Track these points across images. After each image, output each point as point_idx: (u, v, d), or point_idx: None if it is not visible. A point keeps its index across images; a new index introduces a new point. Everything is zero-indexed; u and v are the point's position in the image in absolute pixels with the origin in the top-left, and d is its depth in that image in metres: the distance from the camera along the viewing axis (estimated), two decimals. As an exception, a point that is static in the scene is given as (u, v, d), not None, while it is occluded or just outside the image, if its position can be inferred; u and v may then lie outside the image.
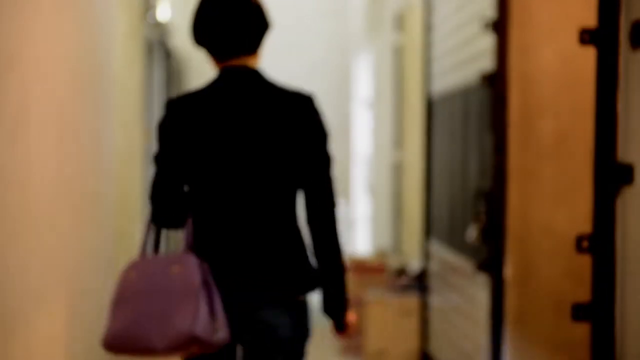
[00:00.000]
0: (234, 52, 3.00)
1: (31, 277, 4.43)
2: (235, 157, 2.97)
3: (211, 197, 3.00)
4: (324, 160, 2.99)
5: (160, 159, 3.03)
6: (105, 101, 6.46)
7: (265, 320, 2.96)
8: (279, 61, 12.80)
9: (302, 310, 3.04)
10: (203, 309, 2.84)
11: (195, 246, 2.99)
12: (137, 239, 8.23)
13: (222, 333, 2.86)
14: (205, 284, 2.89)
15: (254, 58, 3.04)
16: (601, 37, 2.94)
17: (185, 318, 2.83)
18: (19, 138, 4.16)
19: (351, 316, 3.14)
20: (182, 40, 12.49)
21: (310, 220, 2.99)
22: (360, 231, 11.75)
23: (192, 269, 2.88)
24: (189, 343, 2.83)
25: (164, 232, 3.11)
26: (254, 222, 2.97)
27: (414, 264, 6.93)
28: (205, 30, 3.01)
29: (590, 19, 3.61)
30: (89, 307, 5.95)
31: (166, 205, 3.03)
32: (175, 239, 8.83)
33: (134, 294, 2.93)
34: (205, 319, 2.84)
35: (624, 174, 2.84)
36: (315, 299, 3.21)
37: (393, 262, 7.42)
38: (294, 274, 2.98)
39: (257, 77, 3.01)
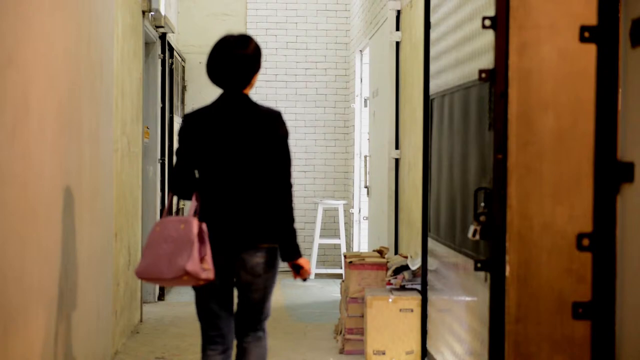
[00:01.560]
0: (235, 89, 4.55)
1: (30, 274, 4.42)
2: (228, 153, 4.48)
3: (212, 179, 4.50)
4: (285, 156, 4.50)
5: (179, 153, 4.56)
6: (104, 98, 6.45)
7: (250, 263, 4.49)
8: (280, 58, 12.79)
9: (272, 254, 4.52)
10: (195, 254, 4.27)
11: (201, 212, 4.50)
12: (136, 236, 8.23)
13: (209, 272, 4.31)
14: (200, 238, 4.33)
15: (248, 87, 4.58)
16: (601, 35, 2.93)
17: (183, 258, 4.27)
18: (18, 135, 4.15)
19: (303, 261, 4.51)
20: (182, 36, 12.47)
21: (274, 197, 4.48)
22: (360, 229, 11.75)
23: (192, 227, 4.32)
24: (183, 275, 4.26)
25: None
26: (239, 197, 4.47)
27: (414, 262, 6.92)
28: (214, 75, 4.56)
29: (590, 16, 3.60)
30: (88, 304, 5.95)
31: (181, 183, 4.53)
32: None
33: (155, 241, 4.37)
34: (195, 261, 4.27)
35: (625, 171, 2.84)
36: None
37: (393, 260, 7.41)
38: (262, 230, 4.48)
39: (245, 100, 4.55)
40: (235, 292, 4.66)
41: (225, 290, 4.57)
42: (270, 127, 4.47)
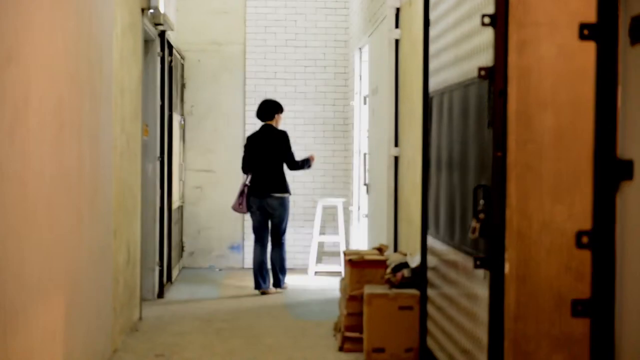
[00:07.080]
0: (267, 120, 10.56)
1: (30, 272, 4.42)
2: (264, 153, 10.40)
3: (257, 165, 10.39)
4: (290, 153, 10.45)
5: (245, 153, 10.56)
6: (103, 96, 6.45)
7: (270, 203, 10.31)
8: (279, 56, 12.79)
9: (286, 201, 10.41)
10: (237, 202, 10.39)
11: (251, 180, 10.37)
12: (135, 233, 8.23)
13: (243, 209, 10.41)
14: (242, 194, 10.36)
15: (274, 121, 10.58)
16: (601, 32, 2.92)
17: (234, 203, 10.47)
18: (18, 133, 4.15)
19: (311, 161, 10.82)
20: (181, 34, 12.46)
21: (288, 169, 10.60)
22: (359, 226, 11.75)
23: (241, 188, 10.43)
24: (237, 210, 10.48)
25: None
26: (269, 172, 10.34)
27: (413, 260, 6.92)
28: (260, 116, 10.57)
29: (589, 14, 3.60)
30: (87, 302, 5.95)
31: (246, 167, 10.50)
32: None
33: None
34: (236, 205, 10.41)
35: (624, 169, 2.83)
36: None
37: (392, 258, 7.40)
38: (280, 187, 10.34)
39: (272, 128, 10.51)
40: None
41: (262, 216, 10.31)
42: (282, 140, 10.35)
